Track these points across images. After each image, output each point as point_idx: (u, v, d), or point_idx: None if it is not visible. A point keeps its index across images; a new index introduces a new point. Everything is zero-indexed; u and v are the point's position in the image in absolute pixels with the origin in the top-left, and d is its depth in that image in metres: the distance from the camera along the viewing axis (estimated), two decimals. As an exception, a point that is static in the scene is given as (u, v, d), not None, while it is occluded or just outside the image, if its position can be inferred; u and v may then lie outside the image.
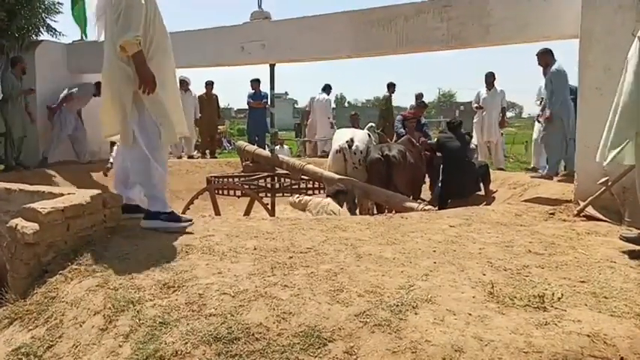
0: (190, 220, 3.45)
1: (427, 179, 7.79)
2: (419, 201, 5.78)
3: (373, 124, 8.22)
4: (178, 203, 6.41)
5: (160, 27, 3.38)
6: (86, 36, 8.66)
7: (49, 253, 2.88)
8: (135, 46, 3.15)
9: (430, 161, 7.55)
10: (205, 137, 11.60)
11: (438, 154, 7.43)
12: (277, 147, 9.07)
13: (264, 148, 8.43)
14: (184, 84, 10.10)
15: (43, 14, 8.48)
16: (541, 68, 6.67)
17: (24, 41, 8.08)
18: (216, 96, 11.47)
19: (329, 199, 5.47)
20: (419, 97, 11.05)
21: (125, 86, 3.26)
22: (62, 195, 3.32)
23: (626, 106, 3.05)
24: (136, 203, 3.63)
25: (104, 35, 3.39)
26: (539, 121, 7.66)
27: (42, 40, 8.40)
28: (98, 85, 8.81)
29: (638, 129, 2.99)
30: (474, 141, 9.07)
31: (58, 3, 8.68)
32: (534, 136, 8.43)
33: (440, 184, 7.40)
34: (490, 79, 9.43)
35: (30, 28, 8.26)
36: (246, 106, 11.93)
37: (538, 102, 7.84)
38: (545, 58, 6.43)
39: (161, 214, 3.36)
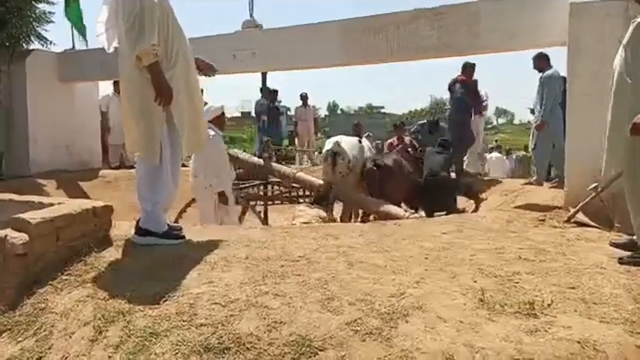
0: (183, 238, 3.35)
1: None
2: (405, 209, 5.78)
3: (370, 134, 8.25)
4: (170, 211, 6.36)
5: (178, 32, 3.23)
6: (86, 42, 8.59)
7: (39, 264, 2.85)
8: (151, 56, 2.99)
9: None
10: None
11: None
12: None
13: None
14: None
15: (34, 23, 8.40)
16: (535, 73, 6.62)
17: (14, 50, 8.03)
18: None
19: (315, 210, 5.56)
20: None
21: (153, 100, 3.09)
22: (52, 205, 3.30)
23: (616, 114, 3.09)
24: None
25: (116, 45, 3.22)
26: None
27: (33, 50, 8.35)
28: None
29: (626, 135, 3.02)
30: None
31: (49, 12, 8.61)
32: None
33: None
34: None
35: (21, 37, 8.18)
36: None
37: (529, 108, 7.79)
38: (540, 62, 6.38)
39: (153, 232, 3.27)
